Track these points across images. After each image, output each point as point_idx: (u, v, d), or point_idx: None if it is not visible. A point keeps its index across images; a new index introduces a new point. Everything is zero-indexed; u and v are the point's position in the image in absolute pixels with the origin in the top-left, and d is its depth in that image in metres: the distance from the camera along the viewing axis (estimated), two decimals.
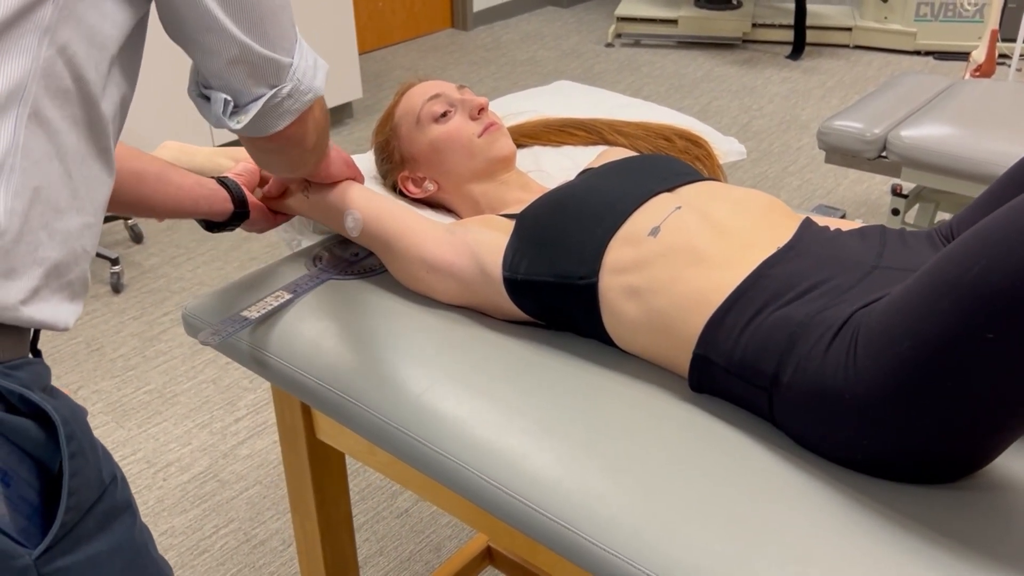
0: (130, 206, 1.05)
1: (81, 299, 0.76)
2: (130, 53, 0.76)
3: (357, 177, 1.25)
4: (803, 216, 1.12)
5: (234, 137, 3.46)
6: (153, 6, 0.78)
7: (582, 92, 1.66)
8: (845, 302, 0.92)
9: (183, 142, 3.21)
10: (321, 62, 0.88)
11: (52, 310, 0.73)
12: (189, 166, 1.22)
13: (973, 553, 0.80)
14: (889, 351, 0.82)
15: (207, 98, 0.85)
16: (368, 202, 1.20)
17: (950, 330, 0.78)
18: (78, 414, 0.73)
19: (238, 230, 1.67)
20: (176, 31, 0.79)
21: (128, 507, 0.78)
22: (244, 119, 0.84)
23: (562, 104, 1.58)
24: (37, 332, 0.77)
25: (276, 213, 1.26)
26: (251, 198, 1.20)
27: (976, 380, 0.78)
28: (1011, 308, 0.75)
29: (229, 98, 0.83)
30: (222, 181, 1.16)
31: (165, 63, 2.92)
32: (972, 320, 0.77)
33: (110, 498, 0.75)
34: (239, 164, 1.23)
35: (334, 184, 1.22)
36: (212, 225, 1.18)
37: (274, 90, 0.84)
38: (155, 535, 1.92)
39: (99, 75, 0.72)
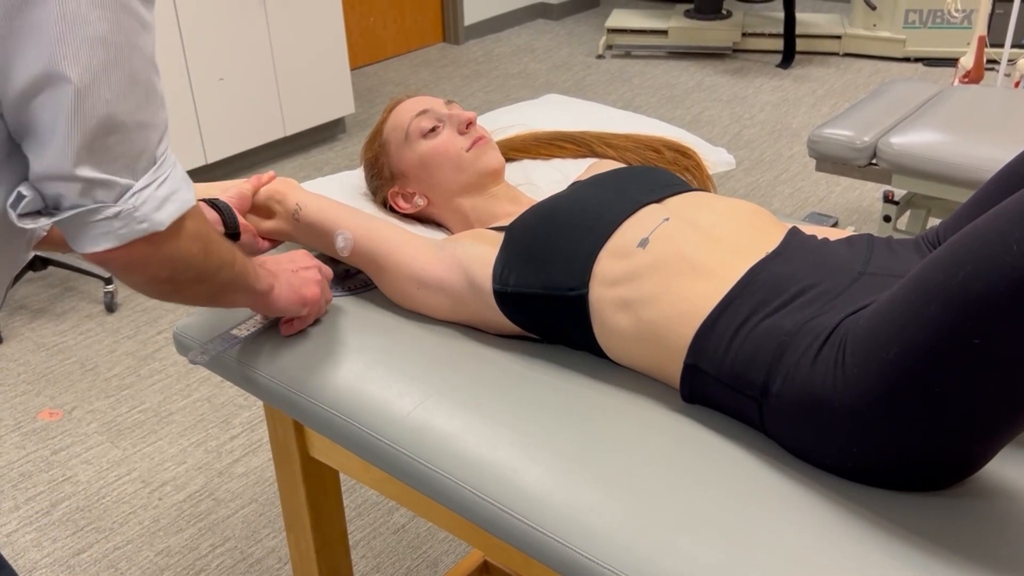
0: None
1: None
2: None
3: (311, 314, 1.15)
4: (790, 224, 1.13)
5: (224, 155, 3.46)
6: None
7: (571, 105, 1.66)
8: (833, 309, 0.93)
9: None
10: (183, 196, 0.81)
11: None
12: None
13: (964, 560, 0.80)
14: (877, 358, 0.82)
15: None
16: (358, 221, 1.21)
17: (937, 336, 0.78)
18: None
19: None
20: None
21: None
22: (44, 221, 0.76)
23: (551, 117, 1.58)
24: None
25: (265, 240, 1.26)
26: (242, 221, 1.20)
27: (964, 385, 0.78)
28: (997, 313, 0.75)
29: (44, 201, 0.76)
30: (213, 203, 1.16)
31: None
32: (959, 326, 0.77)
33: None
34: (231, 189, 1.22)
35: (323, 205, 1.22)
36: None
37: (98, 205, 0.77)
38: (151, 555, 1.91)
39: None
